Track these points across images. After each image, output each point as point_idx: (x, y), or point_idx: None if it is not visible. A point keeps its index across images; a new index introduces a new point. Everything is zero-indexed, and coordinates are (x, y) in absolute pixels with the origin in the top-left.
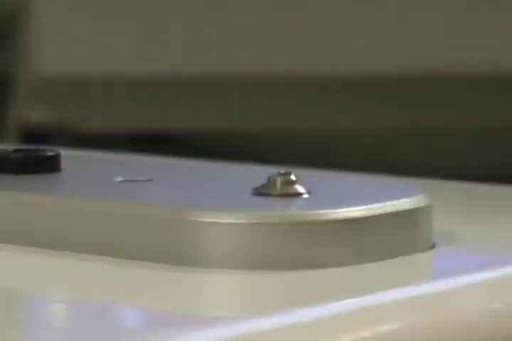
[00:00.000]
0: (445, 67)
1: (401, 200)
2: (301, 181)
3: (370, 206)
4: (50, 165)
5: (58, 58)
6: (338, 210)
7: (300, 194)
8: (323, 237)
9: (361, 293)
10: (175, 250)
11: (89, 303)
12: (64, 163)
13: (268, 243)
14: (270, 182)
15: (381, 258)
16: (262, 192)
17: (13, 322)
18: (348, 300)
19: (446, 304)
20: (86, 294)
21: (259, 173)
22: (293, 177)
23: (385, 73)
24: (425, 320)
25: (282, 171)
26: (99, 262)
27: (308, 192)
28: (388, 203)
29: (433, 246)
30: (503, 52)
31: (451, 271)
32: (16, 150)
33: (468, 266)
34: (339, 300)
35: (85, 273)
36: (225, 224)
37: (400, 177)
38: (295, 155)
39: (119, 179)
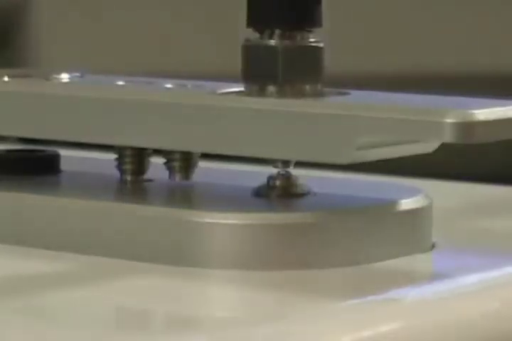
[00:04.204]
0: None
1: (401, 201)
2: (301, 182)
3: (370, 207)
4: (50, 166)
5: (58, 56)
6: (338, 211)
7: (300, 195)
8: (323, 238)
9: (361, 294)
10: (174, 251)
11: (89, 304)
12: (64, 164)
13: (268, 244)
14: (270, 183)
15: (381, 259)
16: (261, 193)
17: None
18: (348, 302)
19: (446, 305)
20: (86, 295)
21: (259, 174)
22: (293, 177)
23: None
24: (425, 322)
25: (282, 172)
26: (99, 263)
27: (308, 193)
28: (388, 204)
29: (433, 247)
30: None
31: (451, 272)
32: (15, 151)
33: (468, 266)
34: (339, 301)
35: (85, 274)
36: (225, 225)
37: (400, 177)
38: None
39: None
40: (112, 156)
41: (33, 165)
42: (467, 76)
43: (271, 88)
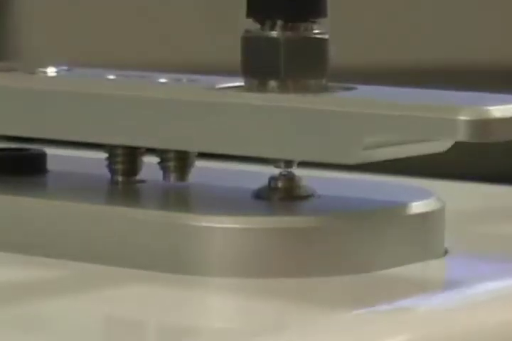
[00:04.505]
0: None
1: (412, 203)
2: (304, 183)
3: (378, 210)
4: (36, 166)
5: (39, 45)
6: (344, 215)
7: (303, 197)
8: (328, 244)
9: (368, 304)
10: (169, 257)
11: (79, 315)
12: (50, 164)
13: (269, 250)
14: (271, 184)
15: (390, 266)
16: (262, 195)
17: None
18: (353, 312)
19: (460, 316)
20: (76, 305)
21: (260, 174)
22: (296, 179)
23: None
24: (437, 334)
25: (284, 172)
26: (90, 270)
27: (312, 195)
28: (398, 207)
29: (445, 253)
30: None
31: (466, 280)
32: None
33: (483, 274)
34: (344, 311)
35: (75, 282)
36: (223, 229)
37: (403, 177)
38: None
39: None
40: (102, 155)
41: (17, 164)
42: (467, 69)
43: (272, 83)
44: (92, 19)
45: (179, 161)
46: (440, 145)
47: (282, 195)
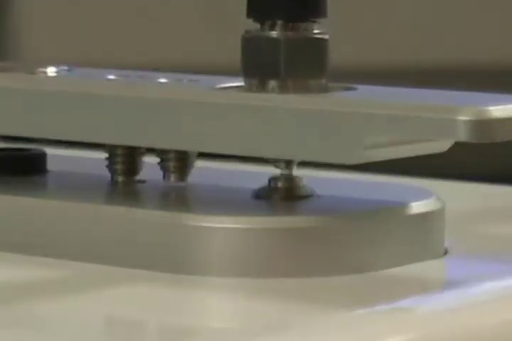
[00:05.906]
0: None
1: (412, 203)
2: (305, 183)
3: (378, 210)
4: (36, 166)
5: (39, 46)
6: (344, 215)
7: (303, 197)
8: (328, 244)
9: (368, 304)
10: (169, 257)
11: (78, 315)
12: (51, 164)
13: (269, 250)
14: (271, 184)
15: (390, 266)
16: (262, 195)
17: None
18: (354, 312)
19: (460, 316)
20: (76, 305)
21: (260, 174)
22: (296, 179)
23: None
24: (438, 334)
25: (284, 172)
26: (89, 270)
27: (312, 196)
28: (398, 207)
29: (445, 253)
30: None
31: (465, 280)
32: None
33: (483, 274)
34: (344, 311)
35: (74, 282)
36: (223, 229)
37: (401, 177)
38: None
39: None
40: (102, 155)
41: (17, 165)
42: (467, 69)
43: (272, 83)
44: (92, 19)
45: (179, 161)
46: (440, 145)
47: (282, 195)
